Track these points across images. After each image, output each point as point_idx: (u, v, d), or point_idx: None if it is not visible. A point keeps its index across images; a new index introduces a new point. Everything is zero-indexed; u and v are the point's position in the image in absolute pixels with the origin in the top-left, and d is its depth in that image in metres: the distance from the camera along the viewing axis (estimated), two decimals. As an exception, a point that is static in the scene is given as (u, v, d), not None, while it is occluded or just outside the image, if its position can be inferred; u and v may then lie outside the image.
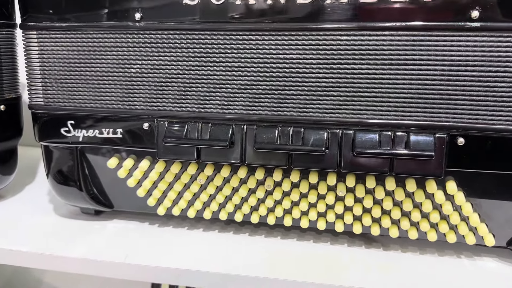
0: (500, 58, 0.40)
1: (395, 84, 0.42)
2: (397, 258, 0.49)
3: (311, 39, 0.43)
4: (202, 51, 0.46)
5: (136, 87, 0.48)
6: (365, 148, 0.44)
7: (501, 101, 0.41)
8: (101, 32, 0.48)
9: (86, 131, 0.51)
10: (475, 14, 0.40)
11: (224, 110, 0.47)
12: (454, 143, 0.43)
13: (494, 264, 0.49)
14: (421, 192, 0.46)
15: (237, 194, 0.50)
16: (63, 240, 0.53)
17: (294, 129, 0.46)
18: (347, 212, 0.49)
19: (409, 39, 0.41)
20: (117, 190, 0.55)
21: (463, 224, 0.47)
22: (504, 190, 0.46)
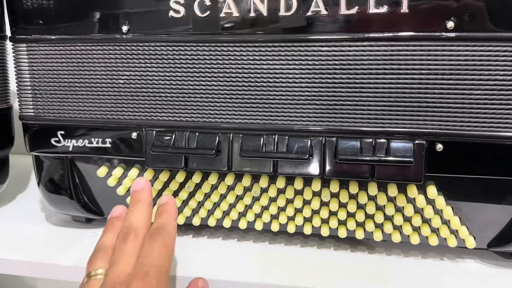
0: (475, 67, 0.42)
1: (375, 92, 0.44)
2: (382, 260, 0.51)
3: (293, 50, 0.44)
4: (189, 62, 0.47)
5: (124, 98, 0.49)
6: (347, 155, 0.45)
7: (477, 108, 0.43)
8: (89, 44, 0.49)
9: (76, 141, 0.52)
10: (450, 25, 0.41)
11: (210, 119, 0.48)
12: (433, 149, 0.44)
13: (476, 265, 0.50)
14: (402, 197, 0.47)
15: (225, 201, 0.52)
16: (55, 248, 0.54)
17: (279, 137, 0.47)
18: (332, 216, 0.50)
19: (388, 49, 0.43)
20: (107, 198, 0.56)
21: (445, 227, 0.48)
22: (483, 194, 0.47)
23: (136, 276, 0.36)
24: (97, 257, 0.40)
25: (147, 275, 0.36)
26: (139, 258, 0.38)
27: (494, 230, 0.48)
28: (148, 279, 0.35)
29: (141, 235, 0.41)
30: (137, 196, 0.44)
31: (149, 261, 0.37)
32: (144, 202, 0.44)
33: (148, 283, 0.35)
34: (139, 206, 0.44)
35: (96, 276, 0.38)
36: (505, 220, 0.47)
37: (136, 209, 0.43)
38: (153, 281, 0.36)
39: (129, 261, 0.38)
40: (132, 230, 0.41)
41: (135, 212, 0.43)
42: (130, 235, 0.40)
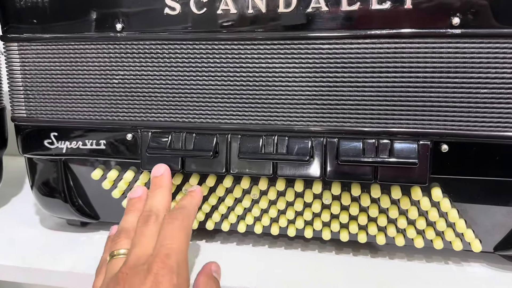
0: (481, 64, 0.40)
1: (378, 91, 0.42)
2: (385, 265, 0.49)
3: (293, 48, 0.43)
4: (185, 60, 0.45)
5: (118, 98, 0.48)
6: (349, 156, 0.43)
7: (484, 107, 0.41)
8: (82, 43, 0.47)
9: (70, 143, 0.50)
10: (456, 21, 0.40)
11: (208, 120, 0.47)
12: (438, 150, 0.43)
13: (482, 269, 0.49)
14: (406, 199, 0.46)
15: (224, 204, 0.50)
16: (50, 253, 0.53)
17: (278, 138, 0.45)
18: (333, 220, 0.49)
19: (391, 46, 0.41)
20: (102, 202, 0.54)
21: (450, 230, 0.47)
22: (489, 196, 0.45)
23: (156, 257, 0.37)
24: (121, 237, 0.41)
25: (168, 257, 0.37)
26: (158, 239, 0.39)
27: (501, 233, 0.47)
28: (168, 261, 0.36)
29: (161, 218, 0.42)
30: (158, 182, 0.45)
31: (168, 243, 0.38)
32: (165, 187, 0.45)
33: (169, 265, 0.36)
34: (160, 191, 0.44)
35: (119, 255, 0.39)
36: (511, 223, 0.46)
37: (157, 194, 0.44)
38: (173, 263, 0.36)
39: (150, 243, 0.39)
40: (153, 213, 0.42)
41: (156, 196, 0.44)
42: (151, 218, 0.41)
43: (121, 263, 0.38)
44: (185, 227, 0.41)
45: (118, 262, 0.39)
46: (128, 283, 0.35)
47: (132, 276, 0.35)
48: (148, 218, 0.41)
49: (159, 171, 0.46)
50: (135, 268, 0.36)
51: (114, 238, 0.42)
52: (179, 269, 0.37)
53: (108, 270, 0.39)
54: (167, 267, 0.36)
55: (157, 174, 0.46)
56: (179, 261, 0.37)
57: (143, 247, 0.38)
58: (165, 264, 0.36)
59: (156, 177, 0.46)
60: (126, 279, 0.35)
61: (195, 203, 0.45)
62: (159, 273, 0.35)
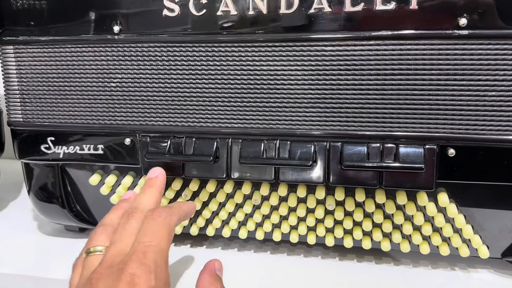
0: (489, 67, 0.39)
1: (383, 94, 0.41)
2: (390, 271, 0.48)
3: (295, 50, 0.42)
4: (184, 63, 0.44)
5: (116, 102, 0.47)
6: (353, 161, 0.42)
7: (492, 111, 0.40)
8: (79, 46, 0.46)
9: (67, 148, 0.49)
10: (463, 22, 0.39)
11: (208, 124, 0.46)
12: (444, 154, 0.42)
13: (489, 276, 0.47)
14: (412, 205, 0.45)
15: (224, 210, 0.49)
16: (47, 260, 0.51)
17: (280, 142, 0.44)
18: (337, 225, 0.48)
19: (396, 48, 0.40)
20: (101, 207, 0.53)
21: (456, 236, 0.45)
22: (497, 201, 0.44)
23: (133, 256, 0.34)
24: (97, 233, 0.39)
25: (145, 256, 0.34)
26: (137, 236, 0.36)
27: (509, 239, 0.46)
28: (145, 260, 0.33)
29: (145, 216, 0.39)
30: (150, 182, 0.44)
31: (147, 240, 0.35)
32: (155, 187, 0.43)
33: (146, 264, 0.33)
34: (149, 190, 0.43)
35: (95, 252, 0.37)
36: (520, 228, 0.45)
37: (146, 192, 0.42)
38: (151, 262, 0.34)
39: (129, 240, 0.36)
40: (138, 210, 0.39)
41: (144, 194, 0.42)
42: (135, 214, 0.39)
43: (97, 261, 0.36)
44: (167, 224, 0.37)
45: (94, 260, 0.36)
46: (102, 283, 0.32)
47: (106, 277, 0.33)
48: (131, 214, 0.39)
49: (154, 173, 0.45)
50: (110, 268, 0.33)
51: (91, 235, 0.39)
52: (157, 269, 0.34)
53: (84, 267, 0.36)
54: (143, 266, 0.33)
55: (152, 176, 0.45)
56: (157, 260, 0.34)
57: (122, 244, 0.36)
58: (142, 263, 0.33)
59: (150, 179, 0.44)
60: (100, 279, 0.33)
61: (185, 205, 0.43)
62: (135, 273, 0.32)
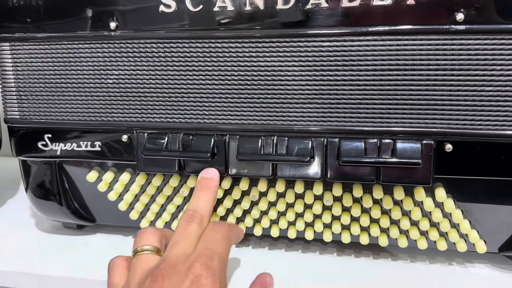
0: (486, 62, 0.39)
1: (380, 90, 0.41)
2: (387, 266, 0.48)
3: (292, 46, 0.42)
4: (181, 59, 0.44)
5: (113, 98, 0.47)
6: (350, 157, 0.42)
7: (489, 106, 0.40)
8: (76, 42, 0.46)
9: (64, 145, 0.49)
10: (460, 17, 0.38)
11: (205, 120, 0.45)
12: (442, 149, 0.42)
13: (487, 270, 0.48)
14: (409, 200, 0.45)
15: (222, 206, 0.49)
16: (45, 257, 0.51)
17: (278, 138, 0.44)
18: (335, 221, 0.48)
19: (393, 43, 0.40)
20: (99, 204, 0.53)
21: (454, 231, 0.46)
22: (494, 195, 0.44)
23: (200, 258, 0.34)
24: (145, 234, 0.39)
25: (211, 259, 0.34)
26: (201, 241, 0.37)
27: (506, 234, 0.46)
28: (211, 263, 0.34)
29: (205, 222, 0.40)
30: (206, 183, 0.43)
31: (212, 247, 0.36)
32: (212, 190, 0.43)
33: (212, 268, 0.34)
34: (206, 193, 0.42)
35: (143, 251, 0.37)
36: (517, 223, 0.45)
37: (203, 196, 0.42)
38: (216, 267, 0.34)
39: (191, 243, 0.37)
40: (197, 214, 0.39)
41: (202, 198, 0.42)
42: (195, 218, 0.39)
43: (150, 259, 0.36)
44: (229, 239, 0.39)
45: (145, 258, 0.36)
46: (168, 281, 0.32)
47: (172, 275, 0.33)
48: (192, 218, 0.39)
49: (209, 174, 0.44)
50: (175, 267, 0.34)
51: (138, 235, 0.39)
52: (220, 276, 0.34)
53: (136, 265, 0.36)
54: (210, 269, 0.33)
55: (207, 176, 0.44)
56: (221, 268, 0.35)
57: (184, 246, 0.36)
58: (208, 266, 0.34)
59: (206, 179, 0.43)
60: (165, 276, 0.33)
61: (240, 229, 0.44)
62: (203, 274, 0.33)
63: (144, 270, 0.35)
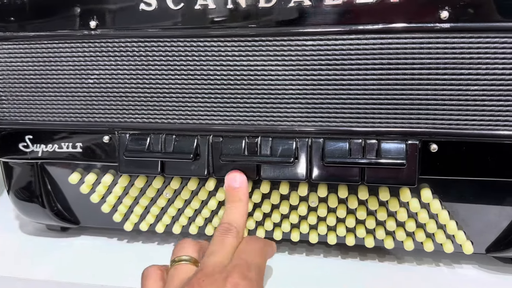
0: (472, 60, 0.39)
1: (364, 89, 0.41)
2: (374, 267, 0.48)
3: (275, 45, 0.41)
4: (162, 58, 0.43)
5: (94, 98, 0.46)
6: (335, 157, 0.42)
7: (474, 105, 0.40)
8: (55, 42, 0.45)
9: (45, 146, 0.48)
10: (444, 15, 0.38)
11: (188, 121, 0.45)
12: (427, 149, 0.41)
13: (474, 271, 0.47)
14: (395, 201, 0.44)
15: (207, 208, 0.48)
16: (29, 260, 0.51)
17: (262, 139, 0.44)
18: (321, 222, 0.47)
19: (377, 42, 0.39)
20: (82, 206, 0.52)
21: (440, 232, 0.45)
22: (481, 196, 0.44)
23: (237, 268, 0.34)
24: (182, 245, 0.39)
25: (249, 270, 0.35)
26: (238, 252, 0.37)
27: (493, 234, 0.45)
28: (249, 274, 0.34)
29: (241, 235, 0.40)
30: (236, 195, 0.43)
31: (249, 258, 0.36)
32: (244, 202, 0.43)
33: (249, 278, 0.34)
34: (238, 206, 0.42)
35: (181, 262, 0.37)
36: (504, 223, 0.44)
37: (236, 209, 0.42)
38: (253, 277, 0.34)
39: (227, 254, 0.37)
40: (233, 227, 0.40)
41: (236, 211, 0.42)
42: (232, 231, 0.39)
43: (188, 269, 0.36)
44: (264, 253, 0.39)
45: (183, 268, 0.36)
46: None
47: (209, 284, 0.33)
48: (229, 230, 0.39)
49: (237, 182, 0.43)
50: (212, 276, 0.34)
51: (176, 246, 0.39)
52: (258, 287, 0.34)
53: (171, 275, 0.36)
54: (247, 279, 0.33)
55: (235, 185, 0.43)
56: (258, 279, 0.35)
57: (221, 257, 0.36)
58: (245, 276, 0.34)
59: (234, 189, 0.43)
60: (202, 285, 0.33)
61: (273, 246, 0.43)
62: (240, 284, 0.33)
63: (181, 280, 0.35)
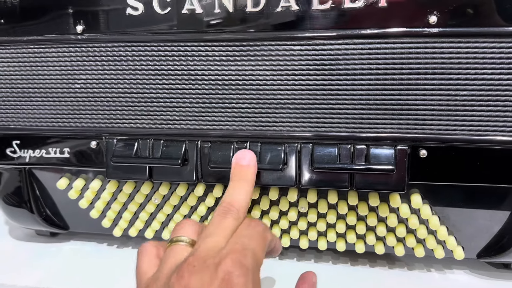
0: (460, 65, 0.38)
1: (352, 95, 0.40)
2: (365, 272, 0.47)
3: (263, 50, 0.41)
4: (150, 63, 0.43)
5: (81, 103, 0.45)
6: (324, 163, 0.41)
7: (463, 110, 0.39)
8: (42, 46, 0.45)
9: (33, 151, 0.48)
10: (433, 20, 0.38)
11: (176, 126, 0.44)
12: (416, 155, 0.41)
13: (465, 277, 0.47)
14: (385, 206, 0.44)
15: (196, 213, 0.48)
16: (17, 266, 0.50)
17: (251, 144, 0.43)
18: (311, 228, 0.47)
19: (365, 47, 0.39)
20: (71, 211, 0.52)
21: (431, 237, 0.45)
22: (471, 201, 0.43)
23: (231, 253, 0.31)
24: (183, 225, 0.36)
25: (245, 256, 0.31)
26: (235, 237, 0.34)
27: (484, 239, 0.45)
28: (244, 260, 0.31)
29: (241, 217, 0.36)
30: (243, 173, 0.40)
31: (247, 243, 0.33)
32: (249, 182, 0.39)
33: (244, 264, 0.30)
34: (243, 184, 0.39)
35: (178, 242, 0.34)
36: (495, 229, 0.44)
37: (241, 188, 0.39)
38: (249, 264, 0.31)
39: (224, 237, 0.33)
40: (233, 208, 0.36)
41: (239, 189, 0.39)
42: (231, 212, 0.36)
43: (183, 251, 0.33)
44: (265, 237, 0.35)
45: (179, 249, 0.34)
46: (195, 277, 0.29)
47: (200, 271, 0.30)
48: (228, 212, 0.36)
49: (245, 160, 0.41)
50: (204, 262, 0.30)
51: (176, 225, 0.36)
52: (254, 275, 0.31)
53: (166, 255, 0.33)
54: (242, 267, 0.30)
55: (243, 163, 0.40)
56: (254, 266, 0.31)
57: (217, 239, 0.33)
58: (241, 263, 0.30)
59: (242, 166, 0.40)
60: (193, 272, 0.30)
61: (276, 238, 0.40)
62: (234, 272, 0.29)
63: (175, 262, 0.32)
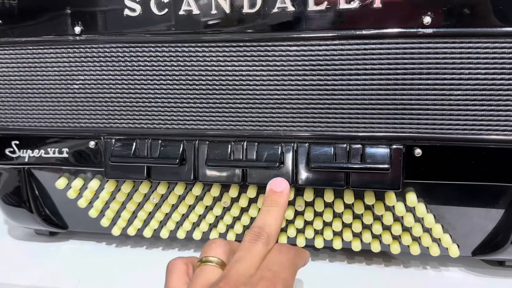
0: (454, 65, 0.39)
1: (348, 95, 0.41)
2: (361, 270, 0.48)
3: (259, 50, 0.41)
4: (147, 63, 0.43)
5: (80, 104, 0.46)
6: (320, 162, 0.42)
7: (458, 110, 0.40)
8: (40, 47, 0.45)
9: (32, 152, 0.48)
10: (427, 20, 0.38)
11: (174, 126, 0.45)
12: (411, 154, 0.41)
13: (461, 274, 0.47)
14: (380, 205, 0.44)
15: (194, 212, 0.48)
16: (16, 265, 0.50)
17: (248, 144, 0.44)
18: (308, 226, 0.47)
19: (360, 47, 0.39)
20: (70, 211, 0.52)
21: (426, 235, 0.45)
22: (466, 199, 0.44)
23: (262, 280, 0.32)
24: (214, 245, 0.37)
25: (274, 285, 0.32)
26: (265, 262, 0.35)
27: (479, 237, 0.45)
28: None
29: (272, 242, 0.37)
30: (276, 198, 0.40)
31: (277, 270, 0.34)
32: (282, 208, 0.40)
33: None
34: (275, 210, 0.39)
35: (208, 263, 0.35)
36: (489, 226, 0.45)
37: (272, 213, 0.39)
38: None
39: (254, 263, 0.34)
40: (265, 233, 0.37)
41: (271, 215, 0.39)
42: (262, 237, 0.36)
43: (213, 272, 0.34)
44: (295, 264, 0.36)
45: (208, 270, 0.34)
46: None
47: None
48: (259, 236, 0.36)
49: (280, 186, 0.41)
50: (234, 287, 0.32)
51: (207, 244, 0.37)
52: None
53: (196, 276, 0.34)
54: None
55: (277, 189, 0.41)
56: None
57: (247, 265, 0.34)
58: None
59: (275, 193, 0.41)
60: None
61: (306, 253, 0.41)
62: None
63: (204, 284, 0.33)
